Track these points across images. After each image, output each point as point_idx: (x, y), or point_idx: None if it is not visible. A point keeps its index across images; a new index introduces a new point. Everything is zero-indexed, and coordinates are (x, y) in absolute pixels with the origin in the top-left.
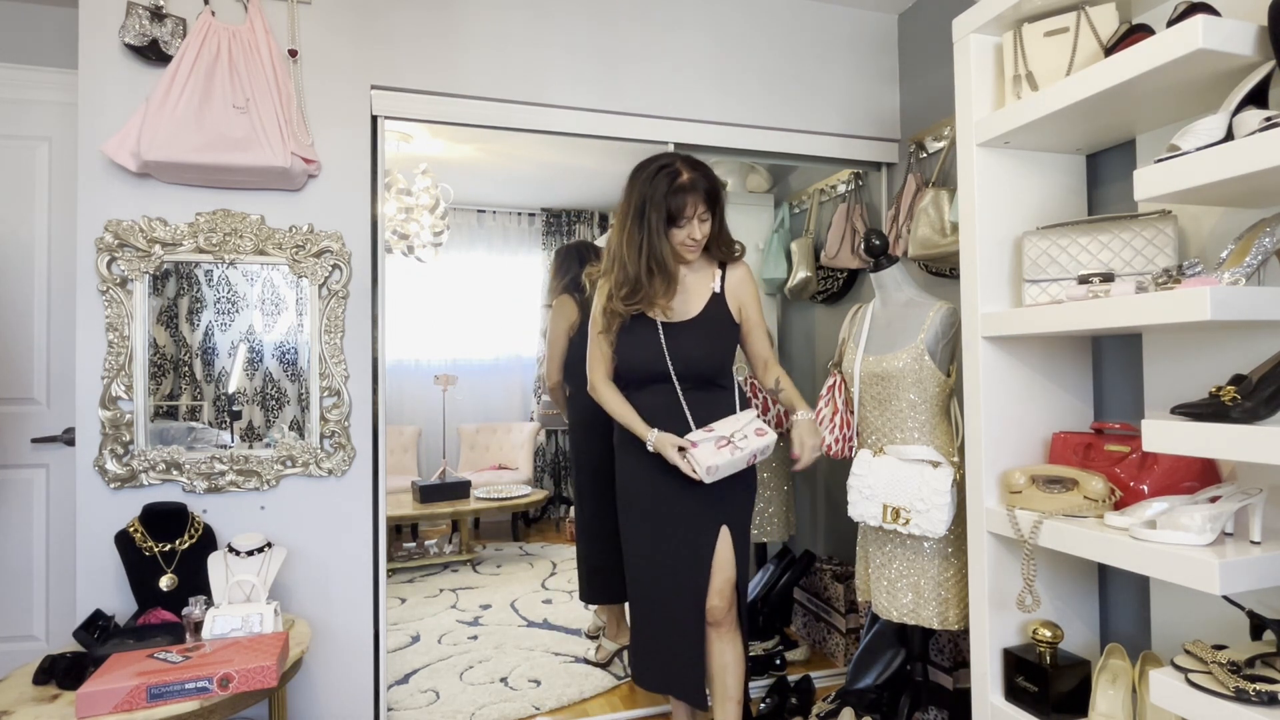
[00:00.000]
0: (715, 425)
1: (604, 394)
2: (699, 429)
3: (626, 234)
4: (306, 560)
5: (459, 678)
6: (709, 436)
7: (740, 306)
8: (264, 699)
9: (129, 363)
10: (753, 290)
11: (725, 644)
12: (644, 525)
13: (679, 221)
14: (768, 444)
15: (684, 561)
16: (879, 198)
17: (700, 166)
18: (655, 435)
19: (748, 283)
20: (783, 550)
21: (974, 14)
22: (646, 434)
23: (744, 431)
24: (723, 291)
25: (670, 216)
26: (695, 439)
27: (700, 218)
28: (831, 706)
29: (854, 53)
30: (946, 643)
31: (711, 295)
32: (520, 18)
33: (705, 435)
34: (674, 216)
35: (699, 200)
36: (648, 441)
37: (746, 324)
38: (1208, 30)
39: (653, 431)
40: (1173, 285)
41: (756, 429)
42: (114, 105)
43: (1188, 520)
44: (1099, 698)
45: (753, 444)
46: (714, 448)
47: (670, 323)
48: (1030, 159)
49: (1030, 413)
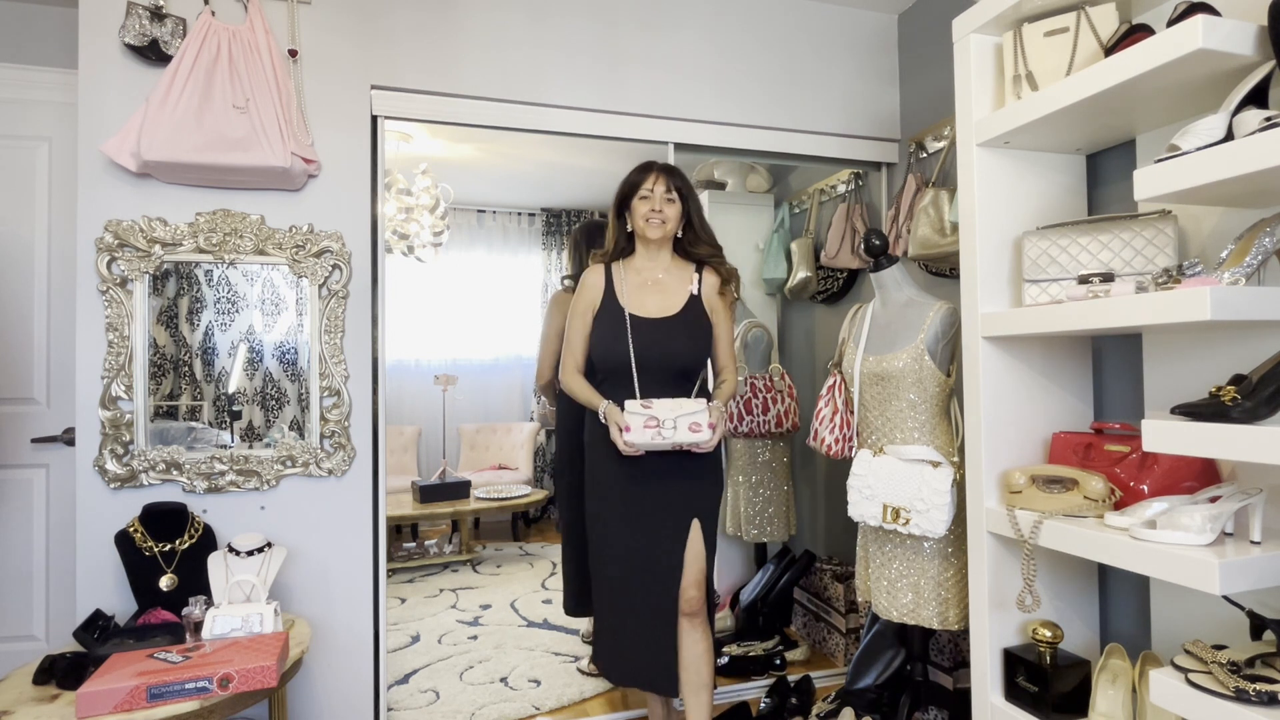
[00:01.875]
0: (655, 403)
1: (571, 383)
2: (640, 400)
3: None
4: (306, 560)
5: (459, 678)
6: (644, 413)
7: (712, 310)
8: (264, 699)
9: (129, 363)
10: (723, 302)
11: (698, 633)
12: (614, 521)
13: (640, 191)
14: (696, 441)
15: (657, 555)
16: (879, 198)
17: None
18: (606, 405)
19: (719, 294)
20: (783, 550)
21: (974, 14)
22: (599, 404)
23: (677, 422)
24: (700, 294)
25: (633, 185)
26: (632, 410)
27: (665, 197)
28: (831, 706)
29: (854, 53)
30: (946, 643)
31: (690, 296)
32: (520, 18)
33: (642, 411)
34: (635, 186)
35: (659, 176)
36: (599, 410)
37: (715, 329)
38: (1208, 30)
39: (604, 401)
40: (1173, 285)
41: (692, 424)
42: (114, 105)
43: (1188, 520)
44: (1099, 698)
45: (680, 436)
46: (641, 425)
47: (651, 318)
48: (1030, 159)
49: (1030, 413)
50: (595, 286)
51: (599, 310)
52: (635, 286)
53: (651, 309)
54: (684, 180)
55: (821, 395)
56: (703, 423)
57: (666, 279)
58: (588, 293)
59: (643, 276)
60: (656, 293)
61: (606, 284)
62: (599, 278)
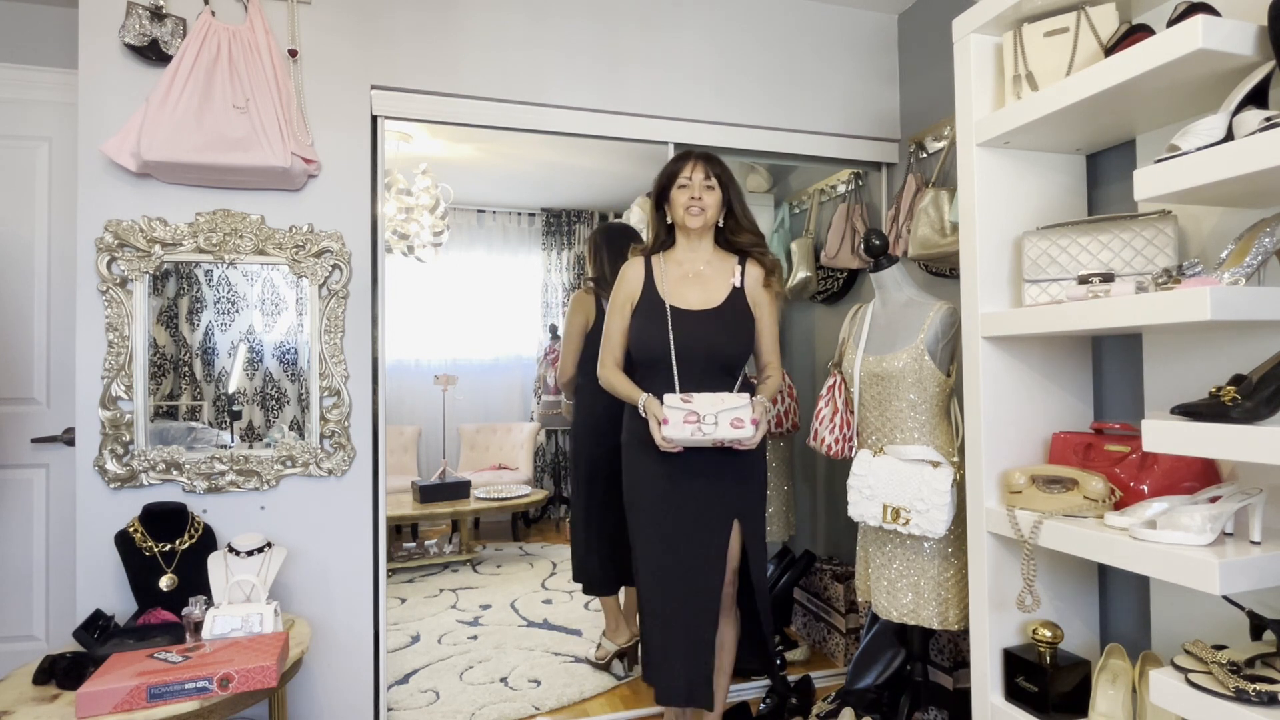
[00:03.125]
0: (696, 397)
1: (611, 376)
2: (680, 394)
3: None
4: (306, 560)
5: (459, 678)
6: (684, 408)
7: (755, 304)
8: (264, 699)
9: (129, 363)
10: (768, 295)
11: (728, 624)
12: (655, 530)
13: (679, 180)
14: (738, 438)
15: (699, 564)
16: (879, 198)
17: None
18: (645, 398)
19: (764, 286)
20: (783, 550)
21: (974, 14)
22: (638, 397)
23: (718, 417)
24: (743, 286)
25: (670, 176)
26: (672, 405)
27: (704, 184)
28: (831, 706)
29: (854, 53)
30: (946, 643)
31: (732, 289)
32: (520, 18)
33: (681, 406)
34: (673, 176)
35: (697, 163)
36: (639, 404)
37: (758, 324)
38: (1208, 30)
39: (644, 394)
40: (1173, 285)
41: (734, 419)
42: (114, 105)
43: (1188, 520)
44: (1099, 698)
45: (721, 433)
46: (681, 420)
47: (692, 310)
48: (1030, 159)
49: (1030, 413)
50: (635, 279)
51: (638, 302)
52: (676, 279)
53: (693, 301)
54: (723, 167)
55: (821, 395)
56: (745, 418)
57: (708, 271)
58: (626, 285)
59: (684, 269)
60: (698, 285)
61: (646, 276)
62: (639, 270)
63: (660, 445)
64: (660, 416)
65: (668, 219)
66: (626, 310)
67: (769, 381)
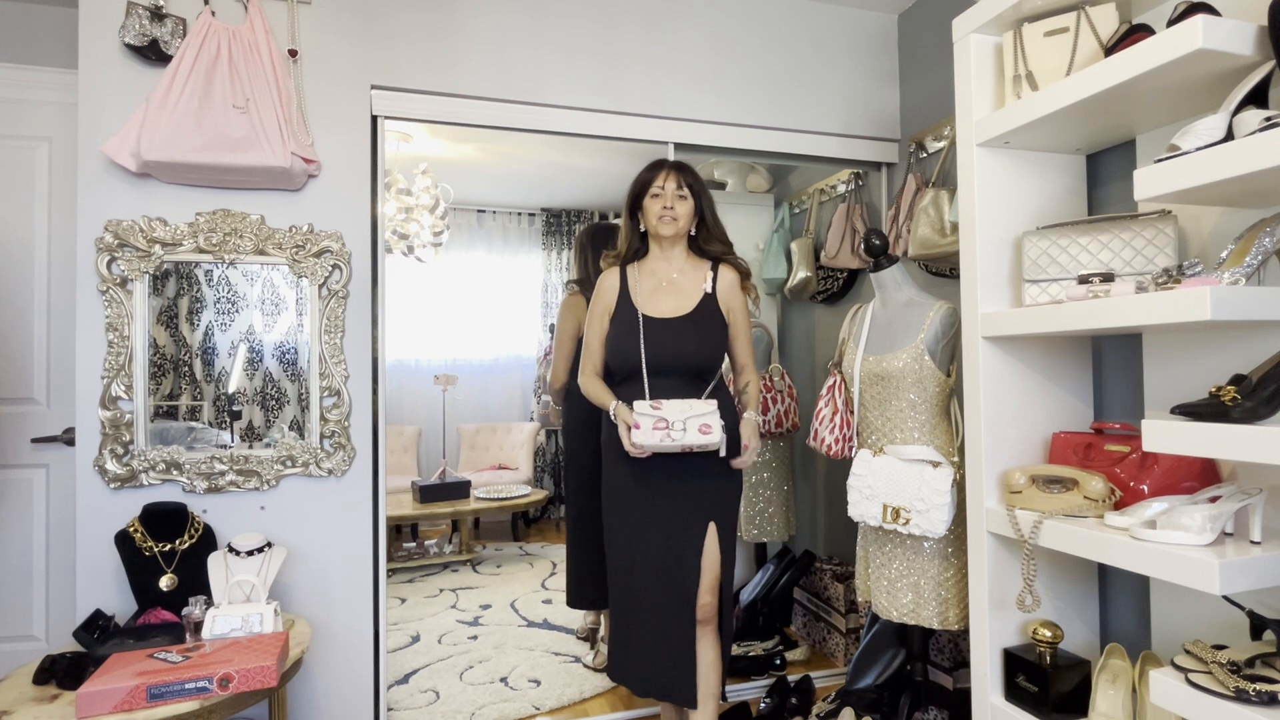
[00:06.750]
0: (665, 404)
1: (587, 383)
2: (649, 400)
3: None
4: (306, 560)
5: (459, 678)
6: (654, 414)
7: (729, 309)
8: (264, 699)
9: (129, 363)
10: (741, 298)
11: (709, 642)
12: (629, 526)
13: (651, 189)
14: (706, 443)
15: (673, 561)
16: (879, 198)
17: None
18: (615, 404)
19: (736, 289)
20: (783, 550)
21: (974, 14)
22: (609, 403)
23: (686, 423)
24: (714, 292)
25: (644, 184)
26: (641, 411)
27: (677, 194)
28: (831, 706)
29: (854, 53)
30: (946, 643)
31: (704, 295)
32: (520, 18)
33: (651, 412)
34: (646, 184)
35: (670, 173)
36: (610, 409)
37: (732, 328)
38: (1208, 30)
39: (614, 401)
40: (1173, 285)
41: (702, 425)
42: (114, 105)
43: (1188, 520)
44: (1099, 698)
45: (690, 439)
46: (651, 426)
47: (663, 318)
48: (1030, 159)
49: (1030, 413)
50: (611, 289)
51: (615, 312)
52: (650, 288)
53: (665, 309)
54: (695, 177)
55: (821, 395)
56: (714, 425)
57: (681, 279)
58: (604, 296)
59: (657, 278)
60: (671, 293)
61: (622, 286)
62: (614, 280)
63: (629, 451)
64: (630, 422)
65: (640, 227)
66: (605, 320)
67: (749, 390)
